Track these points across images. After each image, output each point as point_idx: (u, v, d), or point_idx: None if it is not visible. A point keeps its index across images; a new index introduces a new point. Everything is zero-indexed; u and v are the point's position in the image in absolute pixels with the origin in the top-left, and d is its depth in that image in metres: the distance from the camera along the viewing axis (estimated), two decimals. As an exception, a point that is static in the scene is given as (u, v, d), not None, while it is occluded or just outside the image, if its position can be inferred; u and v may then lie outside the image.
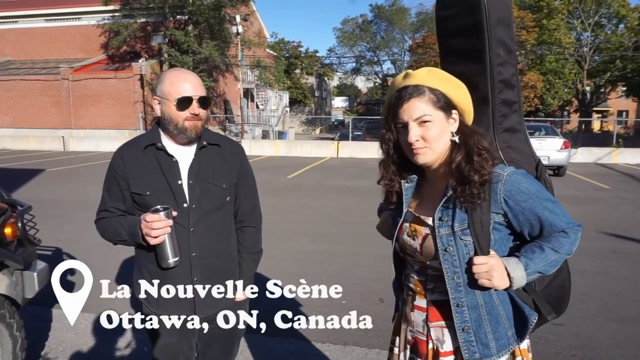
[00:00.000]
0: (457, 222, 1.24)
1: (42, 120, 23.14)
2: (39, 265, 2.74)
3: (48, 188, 10.22)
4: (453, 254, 1.24)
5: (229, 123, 26.78)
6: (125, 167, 1.64)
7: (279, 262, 4.95)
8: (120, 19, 23.57)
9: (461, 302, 1.25)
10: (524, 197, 1.21)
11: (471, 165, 1.21)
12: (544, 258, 1.22)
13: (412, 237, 1.34)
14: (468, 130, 1.28)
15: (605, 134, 29.31)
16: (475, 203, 1.21)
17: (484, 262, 1.20)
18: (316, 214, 7.77)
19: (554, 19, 30.29)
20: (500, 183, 1.22)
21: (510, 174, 1.23)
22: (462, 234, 1.23)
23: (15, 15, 26.49)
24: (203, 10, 22.29)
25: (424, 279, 1.34)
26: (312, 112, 52.09)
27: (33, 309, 3.55)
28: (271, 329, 3.59)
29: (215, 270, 1.69)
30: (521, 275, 1.20)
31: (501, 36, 1.35)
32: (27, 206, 2.77)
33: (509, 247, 1.31)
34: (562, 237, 1.22)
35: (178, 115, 1.57)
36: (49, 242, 5.30)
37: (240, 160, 1.77)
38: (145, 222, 1.51)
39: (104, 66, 24.08)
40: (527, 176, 1.26)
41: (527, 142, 1.44)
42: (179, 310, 1.66)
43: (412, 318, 1.37)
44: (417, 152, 1.26)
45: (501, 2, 1.35)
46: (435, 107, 1.24)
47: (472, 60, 1.38)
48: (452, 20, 1.44)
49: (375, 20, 51.33)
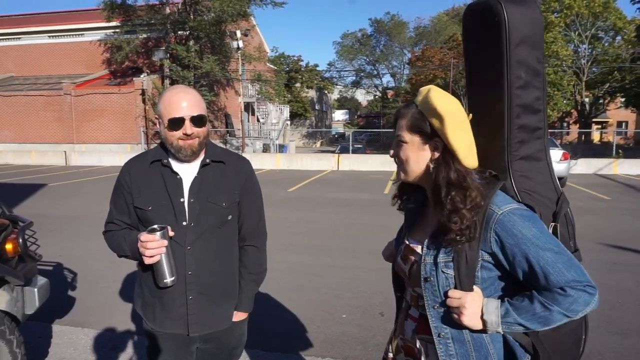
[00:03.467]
0: (442, 254, 1.20)
1: (44, 135, 23.27)
2: (39, 280, 2.74)
3: (49, 203, 10.24)
4: (433, 284, 1.21)
5: (230, 137, 26.90)
6: (131, 181, 1.66)
7: (278, 274, 4.94)
8: (123, 35, 23.84)
9: (444, 332, 1.22)
10: (515, 241, 1.11)
11: (444, 208, 1.17)
12: (530, 311, 1.10)
13: (403, 261, 1.34)
14: (442, 162, 1.19)
15: (605, 145, 29.34)
16: (456, 246, 1.16)
17: (457, 297, 1.15)
18: (316, 227, 7.77)
19: (551, 32, 30.58)
20: (492, 221, 1.14)
21: (505, 212, 1.13)
22: (445, 267, 1.19)
23: (19, 32, 26.83)
24: (204, 25, 22.55)
25: (416, 295, 1.33)
26: (313, 126, 52.31)
27: (33, 325, 3.55)
28: (270, 344, 3.58)
29: (211, 289, 1.67)
30: (495, 321, 1.12)
31: (524, 57, 1.24)
32: (28, 222, 2.78)
33: (505, 288, 1.21)
34: (559, 295, 1.08)
35: (171, 135, 1.58)
36: (50, 257, 5.32)
37: (245, 177, 1.74)
38: (140, 241, 1.52)
39: (106, 81, 24.29)
40: (527, 217, 1.13)
41: (549, 172, 1.31)
42: (175, 327, 1.66)
43: (405, 327, 1.37)
44: (397, 168, 1.29)
45: (527, 20, 1.23)
46: (410, 131, 1.22)
47: (490, 80, 1.29)
48: (473, 38, 1.36)
49: (375, 34, 51.85)
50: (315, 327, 3.70)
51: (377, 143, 33.37)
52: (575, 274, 1.08)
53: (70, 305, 4.18)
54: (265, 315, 3.97)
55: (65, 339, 3.49)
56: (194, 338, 1.70)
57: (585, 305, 1.08)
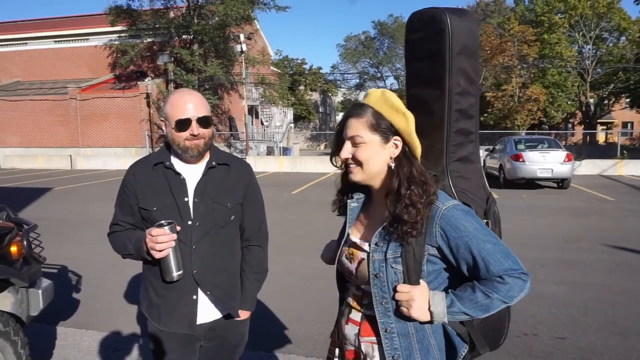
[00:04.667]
0: (391, 250, 1.23)
1: (50, 139, 23.44)
2: (44, 282, 2.78)
3: (55, 206, 10.32)
4: (382, 280, 1.24)
5: (234, 140, 26.99)
6: (135, 183, 1.70)
7: (281, 277, 4.97)
8: (127, 39, 24.01)
9: (390, 327, 1.24)
10: (459, 234, 1.18)
11: (399, 199, 1.20)
12: (473, 300, 1.17)
13: (349, 260, 1.35)
14: (404, 159, 1.25)
15: (610, 145, 29.17)
16: (407, 240, 1.20)
17: (406, 291, 1.20)
18: (319, 229, 7.78)
19: (555, 33, 30.51)
20: (437, 217, 1.20)
21: (448, 208, 1.21)
22: (394, 262, 1.22)
23: (25, 38, 27.08)
24: (208, 29, 22.66)
25: (360, 294, 1.34)
26: (317, 128, 52.39)
27: (38, 327, 3.59)
28: (272, 344, 3.60)
29: (215, 286, 1.71)
30: (442, 311, 1.18)
31: (463, 65, 1.32)
32: (32, 225, 2.83)
33: (448, 280, 1.28)
34: (498, 283, 1.16)
35: (178, 136, 1.63)
36: (55, 260, 5.36)
37: (248, 180, 1.80)
38: (150, 236, 1.55)
39: (111, 85, 24.46)
40: (468, 212, 1.22)
41: (480, 173, 1.43)
42: (180, 326, 1.69)
43: (346, 331, 1.37)
44: (350, 170, 1.29)
45: (467, 31, 1.32)
46: (370, 129, 1.24)
47: (432, 85, 1.36)
48: (418, 44, 1.42)
49: (378, 37, 51.92)
50: (316, 329, 3.72)
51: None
52: (511, 262, 1.17)
53: (75, 308, 4.22)
54: (265, 316, 3.99)
55: (70, 341, 3.53)
56: (198, 336, 1.73)
57: (520, 291, 1.17)
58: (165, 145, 1.76)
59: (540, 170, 12.14)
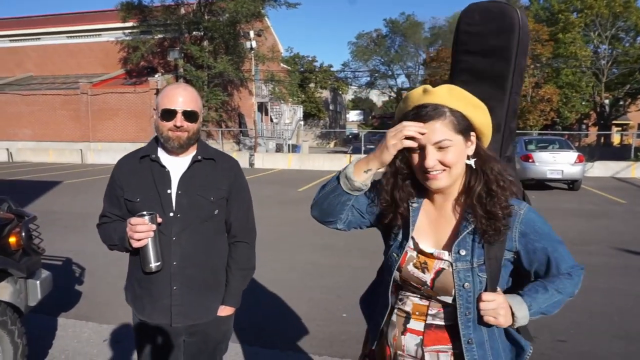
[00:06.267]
0: (476, 258, 1.18)
1: (61, 133, 23.74)
2: (42, 274, 2.80)
3: (64, 200, 10.44)
4: (469, 290, 1.18)
5: (243, 136, 27.07)
6: (121, 176, 1.74)
7: (284, 274, 4.96)
8: (138, 35, 24.18)
9: (470, 338, 1.20)
10: (538, 237, 1.19)
11: (491, 197, 1.16)
12: (548, 299, 1.20)
13: (420, 269, 1.24)
14: (484, 154, 1.20)
15: (625, 147, 28.69)
16: (499, 239, 1.16)
17: (492, 299, 1.16)
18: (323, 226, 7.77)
19: (570, 32, 30.04)
20: (517, 219, 1.19)
21: (526, 211, 1.21)
22: (479, 270, 1.18)
23: (39, 33, 27.40)
24: (218, 26, 22.73)
25: (427, 304, 1.26)
26: (327, 126, 52.31)
27: (38, 318, 3.63)
28: (270, 341, 3.59)
29: (195, 281, 1.71)
30: (524, 315, 1.18)
31: (523, 65, 1.30)
32: (32, 216, 2.85)
33: (509, 281, 1.27)
34: (565, 279, 1.21)
35: (163, 125, 1.66)
36: (61, 252, 5.43)
37: (235, 175, 1.79)
38: (130, 224, 1.58)
39: (121, 81, 24.66)
40: (539, 215, 1.23)
41: (516, 171, 1.43)
42: (160, 317, 1.70)
43: (403, 342, 1.28)
44: (434, 177, 1.18)
45: (528, 29, 1.29)
46: (455, 130, 1.16)
47: (491, 83, 1.29)
48: (477, 38, 1.32)
49: (390, 35, 51.63)
50: (315, 326, 3.70)
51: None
52: (572, 259, 1.24)
53: (77, 300, 4.26)
54: (266, 312, 3.99)
55: (70, 332, 3.55)
56: (179, 330, 1.73)
57: (580, 283, 1.25)
58: (155, 138, 1.77)
59: (550, 171, 11.95)
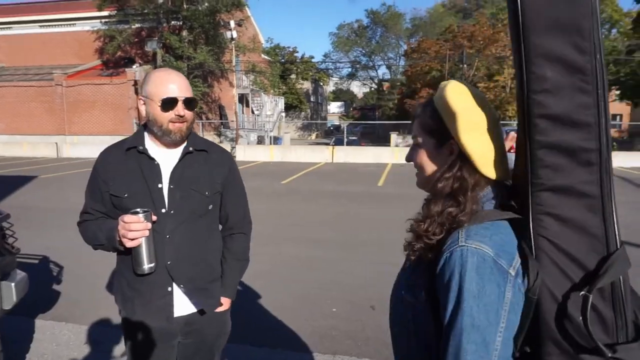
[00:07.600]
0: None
1: (35, 126, 22.99)
2: (18, 275, 2.65)
3: (40, 195, 10.11)
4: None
5: (224, 128, 26.70)
6: (105, 169, 1.61)
7: (270, 267, 4.88)
8: (115, 25, 23.51)
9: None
10: (445, 290, 0.89)
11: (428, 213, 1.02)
12: None
13: None
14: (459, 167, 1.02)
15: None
16: (410, 258, 1.04)
17: None
18: (309, 219, 7.70)
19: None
20: (447, 248, 0.93)
21: (464, 249, 0.89)
22: None
23: (9, 22, 26.37)
24: (198, 15, 22.27)
25: None
26: (308, 118, 52.09)
27: (13, 320, 3.46)
28: (258, 338, 3.51)
29: (191, 279, 1.63)
30: None
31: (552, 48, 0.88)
32: (5, 214, 2.69)
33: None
34: None
35: (162, 116, 1.53)
36: (37, 249, 5.22)
37: (229, 168, 1.72)
38: (123, 222, 1.45)
39: (98, 72, 23.97)
40: (482, 266, 0.87)
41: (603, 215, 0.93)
42: (155, 320, 1.62)
43: None
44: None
45: None
46: (425, 131, 1.05)
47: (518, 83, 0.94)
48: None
49: (371, 26, 51.58)
50: (303, 321, 3.64)
51: (372, 135, 33.17)
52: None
53: (55, 300, 4.09)
54: (253, 309, 3.91)
55: (48, 334, 3.41)
56: (175, 332, 1.65)
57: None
58: (141, 128, 1.65)
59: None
